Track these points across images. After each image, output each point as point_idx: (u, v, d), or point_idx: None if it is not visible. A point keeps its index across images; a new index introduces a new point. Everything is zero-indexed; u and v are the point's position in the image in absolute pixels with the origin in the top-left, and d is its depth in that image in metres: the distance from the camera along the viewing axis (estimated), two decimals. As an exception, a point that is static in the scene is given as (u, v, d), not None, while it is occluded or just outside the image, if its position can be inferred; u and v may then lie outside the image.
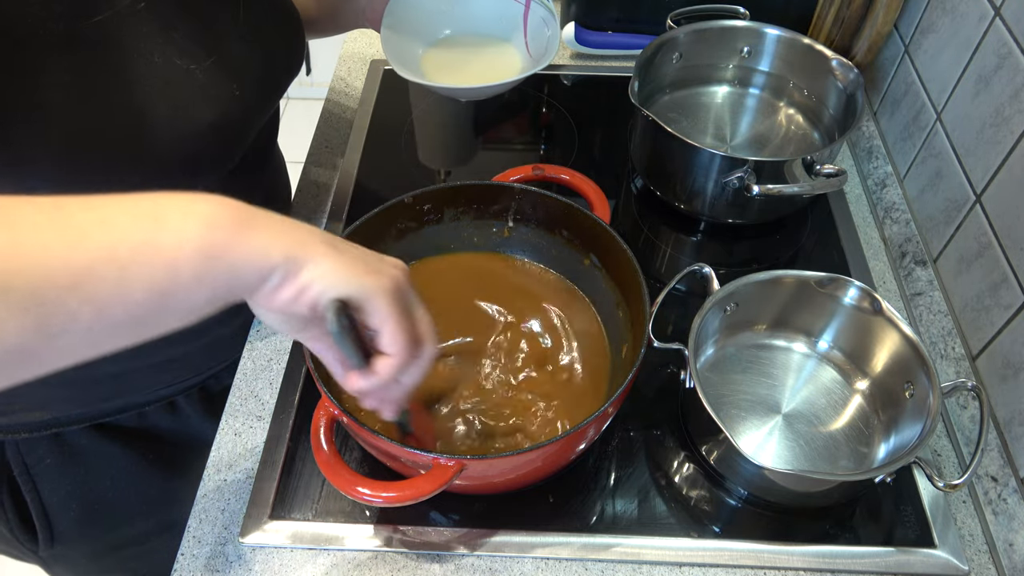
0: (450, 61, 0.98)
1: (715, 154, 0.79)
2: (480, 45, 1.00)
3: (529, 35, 0.97)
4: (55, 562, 0.80)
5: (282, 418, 0.71)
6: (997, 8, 0.74)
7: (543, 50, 0.93)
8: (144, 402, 0.74)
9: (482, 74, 0.97)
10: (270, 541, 0.64)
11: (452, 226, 0.75)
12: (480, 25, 1.00)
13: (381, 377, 0.47)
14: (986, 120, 0.74)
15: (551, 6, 0.95)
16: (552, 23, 0.93)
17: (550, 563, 0.64)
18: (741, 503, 0.67)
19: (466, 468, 0.55)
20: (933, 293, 0.81)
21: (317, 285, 0.42)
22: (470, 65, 0.98)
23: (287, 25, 0.71)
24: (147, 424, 0.75)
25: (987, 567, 0.65)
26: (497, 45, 1.00)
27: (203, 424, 0.79)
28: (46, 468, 0.72)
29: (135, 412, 0.74)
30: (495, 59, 0.98)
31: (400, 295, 0.46)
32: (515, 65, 0.97)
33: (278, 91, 0.69)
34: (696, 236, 0.91)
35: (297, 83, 0.76)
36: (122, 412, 0.73)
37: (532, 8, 0.95)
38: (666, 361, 0.75)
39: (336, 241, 0.45)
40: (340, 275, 0.43)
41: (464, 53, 0.99)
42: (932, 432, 0.62)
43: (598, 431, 0.63)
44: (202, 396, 0.78)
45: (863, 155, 0.98)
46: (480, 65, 0.98)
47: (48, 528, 0.75)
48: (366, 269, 0.44)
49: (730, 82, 0.98)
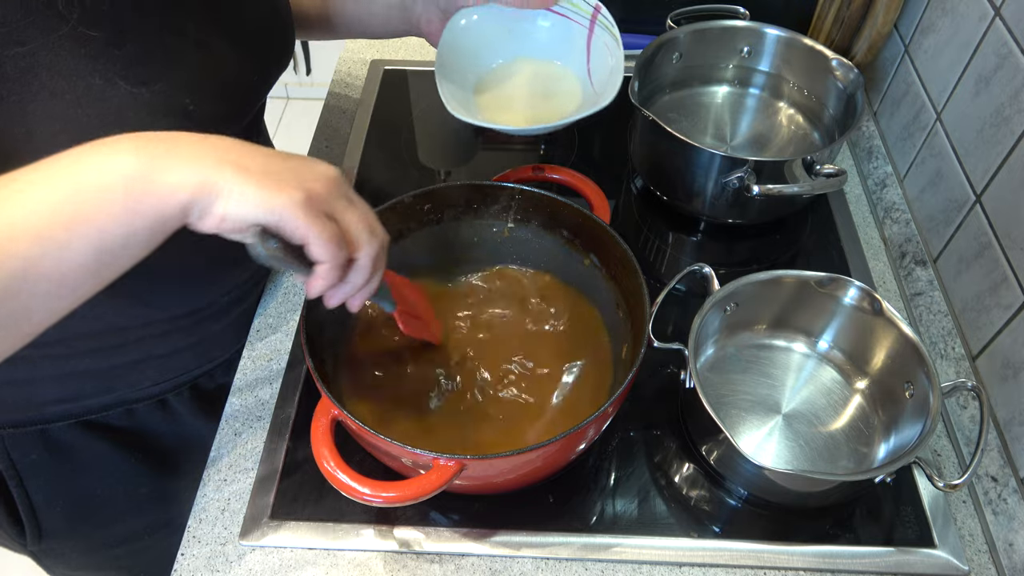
0: (507, 93, 0.87)
1: (715, 154, 0.79)
2: (539, 74, 0.88)
3: (592, 63, 0.85)
4: (45, 556, 0.80)
5: (282, 418, 0.71)
6: (997, 8, 0.74)
7: (605, 81, 0.82)
8: (132, 399, 0.73)
9: (539, 110, 0.86)
10: (270, 541, 0.64)
11: (452, 226, 0.75)
12: (539, 50, 0.88)
13: (323, 284, 0.49)
14: (986, 120, 0.74)
15: (616, 32, 0.82)
16: (616, 51, 0.82)
17: (550, 563, 0.64)
18: (741, 503, 0.67)
19: (466, 468, 0.55)
20: (933, 293, 0.81)
21: (232, 216, 0.44)
22: (527, 98, 0.87)
23: (273, 22, 0.69)
24: (137, 422, 0.74)
25: (987, 567, 0.65)
26: (557, 74, 0.88)
27: (196, 423, 0.78)
28: (32, 464, 0.71)
29: (124, 410, 0.73)
30: (555, 91, 0.87)
31: (313, 205, 0.46)
32: (575, 98, 0.86)
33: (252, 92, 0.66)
34: (696, 236, 0.91)
35: (297, 83, 0.76)
36: (109, 409, 0.72)
37: (596, 33, 0.84)
38: (666, 361, 0.75)
39: (251, 158, 0.45)
40: (249, 202, 0.44)
41: (522, 82, 0.88)
42: (932, 432, 0.62)
43: (598, 431, 0.63)
44: (194, 395, 0.77)
45: (863, 155, 0.98)
46: (538, 99, 0.87)
47: (35, 523, 0.74)
48: (276, 187, 0.45)
49: (730, 82, 0.98)
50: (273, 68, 0.69)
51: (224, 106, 0.61)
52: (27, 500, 0.73)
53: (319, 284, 0.50)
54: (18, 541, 0.76)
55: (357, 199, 0.51)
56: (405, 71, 1.08)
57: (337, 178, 0.49)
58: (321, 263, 0.48)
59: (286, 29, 0.71)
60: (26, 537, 0.75)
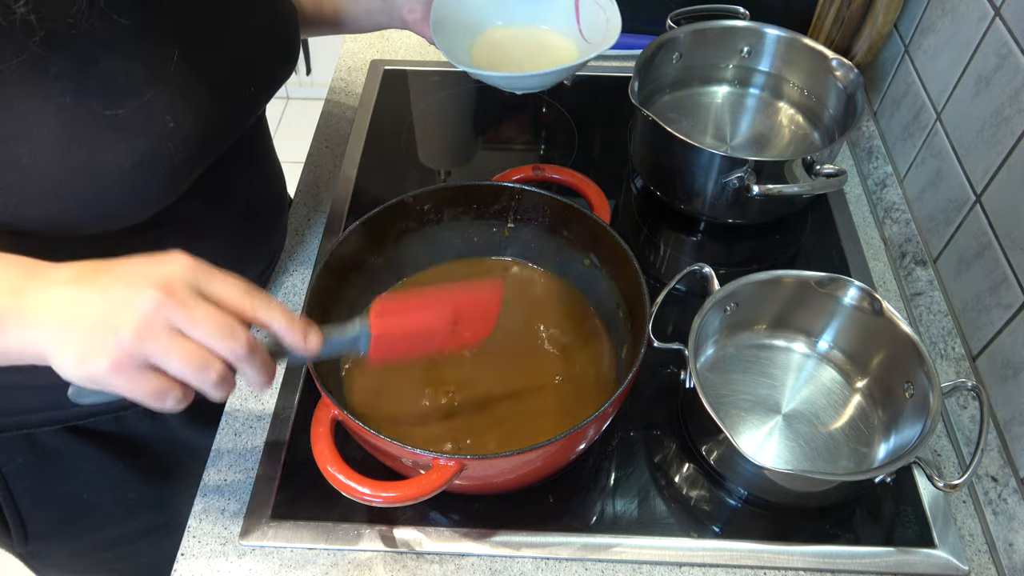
0: (501, 54, 0.89)
1: (715, 154, 0.79)
2: (530, 35, 0.91)
3: (582, 20, 0.88)
4: (34, 559, 0.80)
5: (282, 418, 0.71)
6: (997, 8, 0.74)
7: (601, 34, 0.84)
8: (120, 407, 0.72)
9: (534, 63, 0.88)
10: (270, 541, 0.64)
11: (452, 226, 0.75)
12: (527, 15, 0.91)
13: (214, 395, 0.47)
14: (986, 120, 0.74)
15: None
16: (609, 6, 0.84)
17: (550, 563, 0.64)
18: (741, 503, 0.67)
19: (466, 468, 0.55)
20: (933, 293, 0.81)
21: (67, 376, 0.44)
22: (522, 56, 0.89)
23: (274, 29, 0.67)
24: (125, 428, 0.74)
25: (987, 567, 0.65)
26: (548, 34, 0.90)
27: (185, 430, 0.77)
28: (18, 467, 0.71)
29: (111, 416, 0.72)
30: (547, 48, 0.89)
31: (124, 364, 0.43)
32: (570, 52, 0.88)
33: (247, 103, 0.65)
34: (696, 236, 0.91)
35: (297, 83, 0.75)
36: (96, 416, 0.71)
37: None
38: (666, 361, 0.75)
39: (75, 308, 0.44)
40: (69, 372, 0.44)
41: (514, 44, 0.90)
42: (932, 432, 0.62)
43: (598, 431, 0.63)
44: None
45: (863, 155, 0.98)
46: (532, 55, 0.89)
47: (21, 526, 0.74)
48: (85, 354, 0.43)
49: (730, 82, 0.98)
50: (275, 75, 0.68)
51: (210, 122, 0.59)
52: (13, 503, 0.72)
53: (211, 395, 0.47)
54: (5, 543, 0.76)
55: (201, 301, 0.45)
56: (405, 71, 1.08)
57: (158, 300, 0.43)
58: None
59: (290, 36, 0.70)
60: (12, 540, 0.75)
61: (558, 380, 0.69)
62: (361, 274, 0.70)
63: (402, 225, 0.72)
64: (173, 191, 0.58)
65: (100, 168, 0.52)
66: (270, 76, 0.67)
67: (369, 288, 0.72)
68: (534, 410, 0.68)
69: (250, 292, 0.47)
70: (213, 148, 0.62)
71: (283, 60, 0.69)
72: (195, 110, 0.57)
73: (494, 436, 0.66)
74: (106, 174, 0.52)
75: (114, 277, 0.44)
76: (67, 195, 0.52)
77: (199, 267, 0.46)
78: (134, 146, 0.53)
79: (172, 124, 0.55)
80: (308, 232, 0.88)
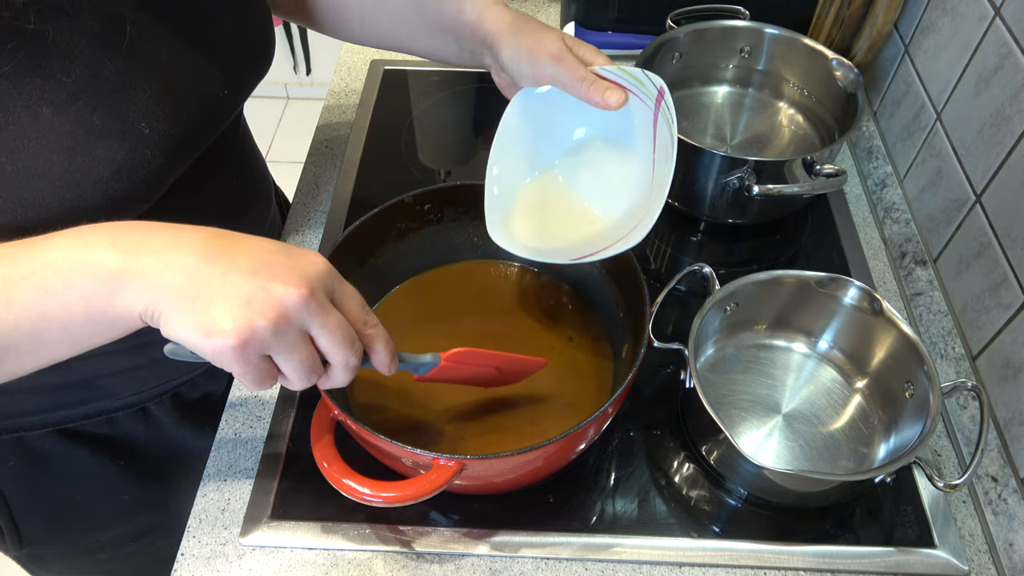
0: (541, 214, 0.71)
1: (715, 154, 0.79)
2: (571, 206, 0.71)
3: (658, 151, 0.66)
4: (29, 561, 0.80)
5: (282, 418, 0.71)
6: (997, 8, 0.74)
7: (663, 181, 0.64)
8: (111, 408, 0.72)
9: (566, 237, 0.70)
10: (270, 541, 0.64)
11: (452, 226, 0.75)
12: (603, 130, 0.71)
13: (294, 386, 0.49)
14: (986, 120, 0.74)
15: (675, 126, 0.64)
16: (671, 154, 0.64)
17: (550, 563, 0.64)
18: (741, 503, 0.67)
19: (466, 468, 0.55)
20: (933, 293, 0.81)
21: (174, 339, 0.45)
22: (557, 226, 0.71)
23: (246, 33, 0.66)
24: (117, 431, 0.73)
25: (987, 567, 0.65)
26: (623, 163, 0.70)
27: (179, 431, 0.77)
28: (10, 470, 0.70)
29: (103, 418, 0.72)
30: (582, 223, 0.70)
31: (249, 350, 0.44)
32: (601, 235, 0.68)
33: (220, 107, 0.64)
34: (696, 236, 0.91)
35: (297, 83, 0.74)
36: (88, 418, 0.71)
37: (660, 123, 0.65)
38: (666, 361, 0.75)
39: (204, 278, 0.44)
40: (185, 337, 0.44)
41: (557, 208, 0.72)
42: (932, 432, 0.62)
43: (598, 431, 0.63)
44: (176, 403, 0.76)
45: (863, 155, 0.98)
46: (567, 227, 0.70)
47: (15, 529, 0.74)
48: (211, 327, 0.43)
49: (730, 82, 0.98)
50: (248, 78, 0.67)
51: (184, 127, 0.59)
52: (5, 506, 0.72)
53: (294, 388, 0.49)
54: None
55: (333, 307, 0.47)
56: (405, 71, 1.08)
57: (302, 299, 0.45)
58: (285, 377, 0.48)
59: (262, 38, 0.69)
60: (7, 543, 0.75)
61: (558, 380, 0.69)
62: (361, 274, 0.70)
63: (402, 225, 0.72)
64: (150, 197, 0.58)
65: (80, 177, 0.52)
66: (243, 79, 0.66)
67: (369, 288, 0.72)
68: (534, 410, 0.68)
69: (366, 307, 0.50)
70: (189, 152, 0.61)
71: (256, 62, 0.68)
72: (169, 116, 0.57)
73: (494, 436, 0.66)
74: (86, 183, 0.52)
75: (256, 262, 0.45)
76: (48, 204, 0.51)
77: (334, 272, 0.48)
78: (111, 154, 0.53)
79: (147, 130, 0.55)
80: (308, 232, 0.88)
